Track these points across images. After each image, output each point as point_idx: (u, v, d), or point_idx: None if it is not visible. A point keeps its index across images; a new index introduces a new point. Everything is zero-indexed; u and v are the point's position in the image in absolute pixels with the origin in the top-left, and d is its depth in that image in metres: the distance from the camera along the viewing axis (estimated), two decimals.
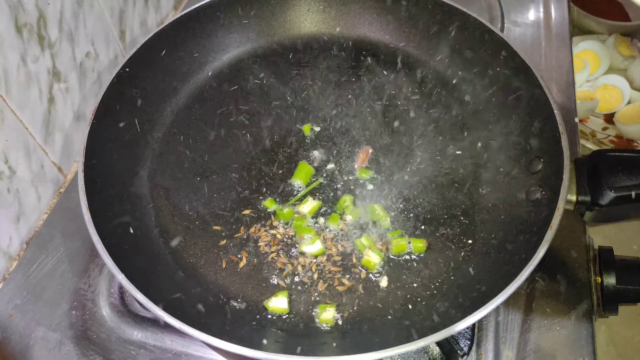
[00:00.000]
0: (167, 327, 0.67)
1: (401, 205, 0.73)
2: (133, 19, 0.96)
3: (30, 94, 0.74)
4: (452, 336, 0.63)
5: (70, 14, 0.79)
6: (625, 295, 0.70)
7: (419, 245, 0.68)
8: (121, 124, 0.76)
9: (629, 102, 1.37)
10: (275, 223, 0.72)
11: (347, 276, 0.67)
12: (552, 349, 0.66)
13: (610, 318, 0.72)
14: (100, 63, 0.89)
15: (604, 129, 1.37)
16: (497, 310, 0.68)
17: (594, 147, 1.30)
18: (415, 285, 0.66)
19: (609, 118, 1.37)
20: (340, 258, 0.69)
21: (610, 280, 0.70)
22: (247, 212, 0.73)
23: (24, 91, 0.73)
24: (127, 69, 0.77)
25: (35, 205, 0.79)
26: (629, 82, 1.38)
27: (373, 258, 0.67)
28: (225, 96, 0.86)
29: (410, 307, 0.64)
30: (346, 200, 0.73)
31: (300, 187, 0.76)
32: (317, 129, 0.82)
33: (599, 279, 0.71)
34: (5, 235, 0.74)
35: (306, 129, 0.81)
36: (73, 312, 0.70)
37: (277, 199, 0.75)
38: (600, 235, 0.79)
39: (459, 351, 0.61)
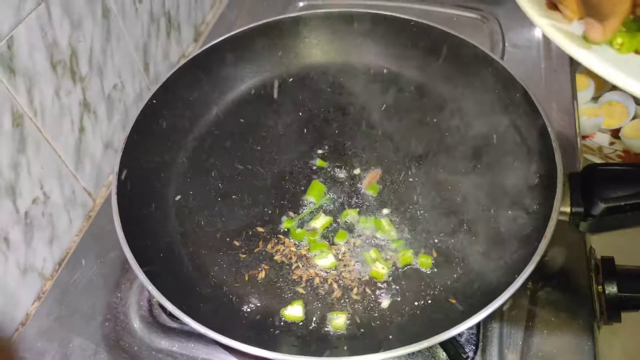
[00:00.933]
0: (192, 336, 0.73)
1: (407, 220, 0.78)
2: (156, 52, 1.02)
3: (62, 125, 0.80)
4: (458, 341, 0.67)
5: (99, 50, 0.85)
6: (627, 303, 0.72)
7: (425, 261, 0.73)
8: (149, 151, 0.82)
9: (634, 117, 1.40)
10: (290, 240, 0.78)
11: (358, 286, 0.72)
12: (554, 355, 0.69)
13: (626, 328, 0.74)
14: (127, 94, 0.94)
15: (611, 143, 1.40)
16: (501, 317, 0.72)
17: (601, 162, 1.32)
18: (421, 293, 0.71)
19: (615, 133, 1.40)
20: (351, 270, 0.74)
21: (612, 288, 0.72)
22: (264, 229, 0.79)
23: (58, 122, 0.78)
24: (154, 101, 0.83)
25: (67, 228, 0.84)
26: (633, 98, 1.41)
27: (381, 269, 0.71)
28: (243, 124, 0.92)
29: (417, 312, 0.69)
30: (349, 213, 0.78)
31: (313, 204, 0.81)
32: (329, 154, 0.87)
33: (600, 288, 0.73)
34: (40, 256, 0.79)
35: (321, 162, 0.86)
36: (106, 323, 0.76)
37: (292, 217, 0.80)
38: (602, 245, 0.82)
39: (463, 355, 0.65)
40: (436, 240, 0.76)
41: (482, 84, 0.85)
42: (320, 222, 0.78)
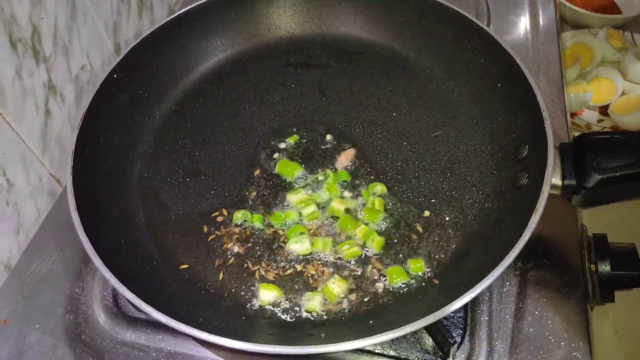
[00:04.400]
0: (160, 327, 0.68)
1: (388, 198, 0.74)
2: (127, 32, 0.97)
3: (26, 108, 0.75)
4: (444, 326, 0.63)
5: (64, 28, 0.80)
6: (620, 282, 0.69)
7: (417, 265, 0.67)
8: (110, 129, 0.77)
9: (622, 94, 1.37)
10: (263, 222, 0.73)
11: (334, 270, 0.68)
12: (546, 337, 0.65)
13: (617, 308, 0.72)
14: (97, 76, 0.89)
15: (600, 121, 1.37)
16: (490, 299, 0.68)
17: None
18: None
19: (604, 110, 1.38)
20: (326, 253, 0.70)
21: (605, 267, 0.69)
22: (235, 211, 0.74)
23: (20, 105, 0.74)
24: (115, 75, 0.78)
25: (35, 217, 0.80)
26: (621, 74, 1.39)
27: (335, 289, 0.66)
28: (213, 100, 0.87)
29: (400, 295, 0.65)
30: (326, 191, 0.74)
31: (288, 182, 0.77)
32: (303, 132, 0.83)
33: (593, 267, 0.70)
34: (5, 247, 0.75)
35: (293, 138, 0.82)
36: (67, 315, 0.71)
37: (263, 204, 0.75)
38: (594, 222, 0.79)
39: (450, 340, 0.60)
40: (419, 218, 0.72)
41: (467, 53, 0.81)
42: (297, 197, 0.73)
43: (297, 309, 0.65)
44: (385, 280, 0.66)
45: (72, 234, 0.76)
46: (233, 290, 0.67)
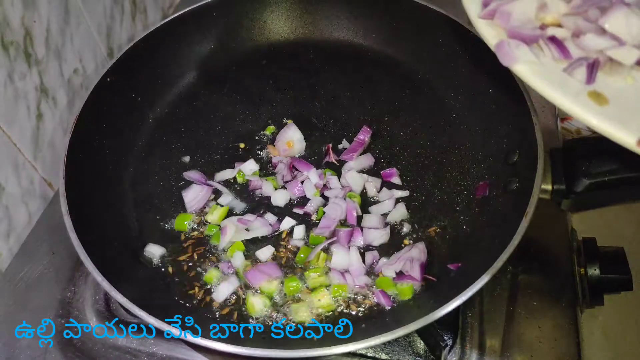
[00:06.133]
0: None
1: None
2: (121, 36, 0.97)
3: (18, 111, 0.75)
4: (436, 329, 0.63)
5: (57, 32, 0.80)
6: (609, 285, 0.70)
7: (404, 288, 0.66)
8: (103, 132, 0.77)
9: None
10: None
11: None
12: (536, 339, 0.66)
13: (607, 311, 0.72)
14: (90, 80, 0.89)
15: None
16: (481, 302, 0.69)
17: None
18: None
19: None
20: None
21: (595, 270, 0.70)
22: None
23: (12, 108, 0.73)
24: (109, 79, 0.78)
25: (26, 221, 0.79)
26: None
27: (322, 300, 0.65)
28: (207, 102, 0.87)
29: (392, 298, 0.65)
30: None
31: None
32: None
33: (582, 270, 0.71)
34: None
35: (269, 129, 0.82)
36: (59, 320, 0.70)
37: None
38: (584, 226, 0.80)
39: (442, 343, 0.61)
40: (410, 222, 0.72)
41: (459, 58, 0.81)
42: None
43: (288, 313, 0.65)
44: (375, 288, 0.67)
45: (63, 238, 0.77)
46: (226, 295, 0.66)
